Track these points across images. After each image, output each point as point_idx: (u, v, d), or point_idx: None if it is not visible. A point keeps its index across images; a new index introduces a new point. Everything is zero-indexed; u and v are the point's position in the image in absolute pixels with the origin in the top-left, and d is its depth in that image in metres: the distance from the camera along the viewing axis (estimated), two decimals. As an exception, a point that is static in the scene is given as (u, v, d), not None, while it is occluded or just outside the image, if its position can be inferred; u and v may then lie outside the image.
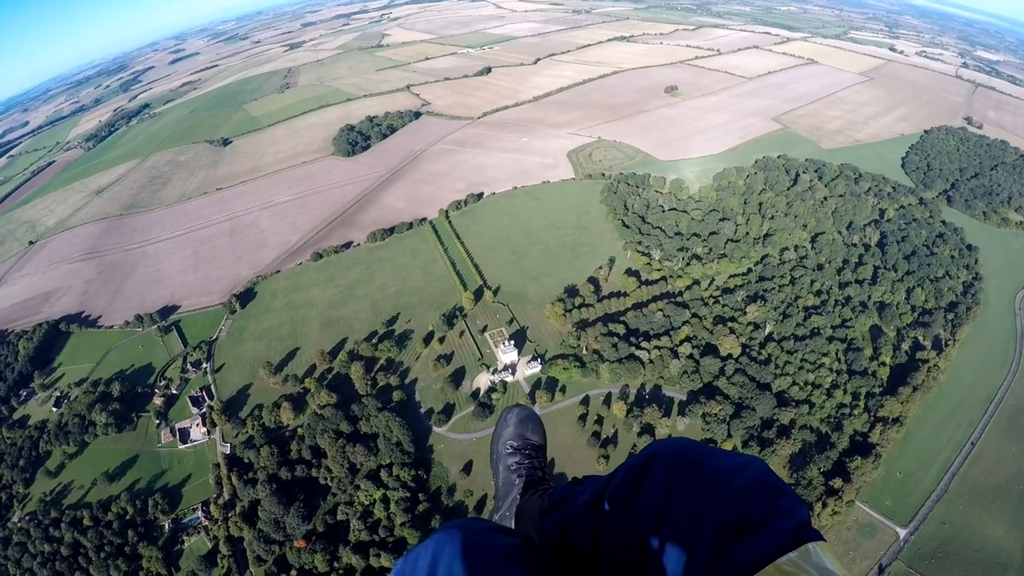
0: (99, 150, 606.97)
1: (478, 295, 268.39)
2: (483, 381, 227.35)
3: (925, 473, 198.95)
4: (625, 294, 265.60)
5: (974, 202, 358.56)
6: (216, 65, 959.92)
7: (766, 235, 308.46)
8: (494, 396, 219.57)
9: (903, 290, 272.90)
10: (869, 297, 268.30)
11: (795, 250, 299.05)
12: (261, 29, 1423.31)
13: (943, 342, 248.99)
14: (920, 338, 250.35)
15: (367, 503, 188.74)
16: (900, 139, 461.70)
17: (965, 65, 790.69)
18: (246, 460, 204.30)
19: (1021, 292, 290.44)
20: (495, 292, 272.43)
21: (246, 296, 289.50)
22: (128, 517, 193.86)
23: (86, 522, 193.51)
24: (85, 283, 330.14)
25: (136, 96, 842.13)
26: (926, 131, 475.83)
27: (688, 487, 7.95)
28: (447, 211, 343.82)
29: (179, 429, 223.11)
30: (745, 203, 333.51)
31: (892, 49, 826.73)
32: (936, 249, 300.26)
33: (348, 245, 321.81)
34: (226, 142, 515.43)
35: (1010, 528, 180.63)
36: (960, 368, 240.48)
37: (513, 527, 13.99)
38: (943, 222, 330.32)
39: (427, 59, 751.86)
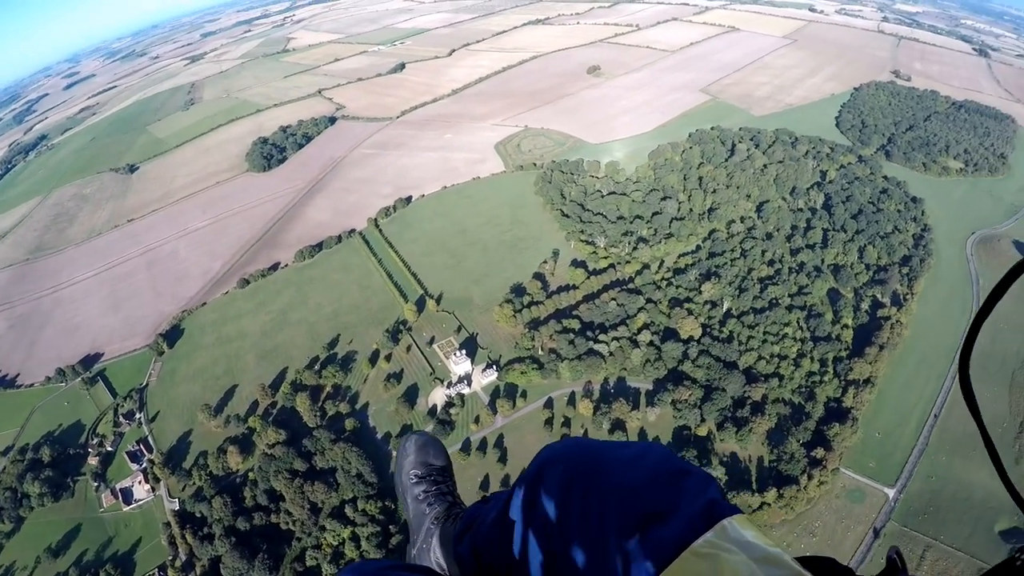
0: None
1: (420, 305, 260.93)
2: (439, 396, 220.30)
3: (903, 430, 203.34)
4: (575, 287, 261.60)
5: (912, 154, 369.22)
6: (114, 86, 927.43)
7: (710, 209, 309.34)
8: (452, 411, 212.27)
9: (855, 250, 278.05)
10: (823, 261, 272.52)
11: (742, 222, 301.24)
12: (159, 44, 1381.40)
13: (901, 297, 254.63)
14: (878, 296, 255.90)
15: (336, 544, 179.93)
16: (831, 99, 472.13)
17: (886, 19, 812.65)
18: (198, 514, 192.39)
19: (971, 238, 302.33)
20: (438, 300, 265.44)
21: (173, 334, 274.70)
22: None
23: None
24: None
25: (31, 127, 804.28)
26: (856, 88, 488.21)
27: (585, 489, 7.87)
28: (376, 219, 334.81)
29: (120, 489, 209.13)
30: (685, 179, 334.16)
31: (811, 9, 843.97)
32: (882, 205, 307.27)
33: (275, 267, 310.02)
34: (132, 169, 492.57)
35: (994, 473, 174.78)
36: (922, 320, 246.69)
37: (432, 558, 13.56)
38: (885, 177, 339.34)
39: (337, 60, 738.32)
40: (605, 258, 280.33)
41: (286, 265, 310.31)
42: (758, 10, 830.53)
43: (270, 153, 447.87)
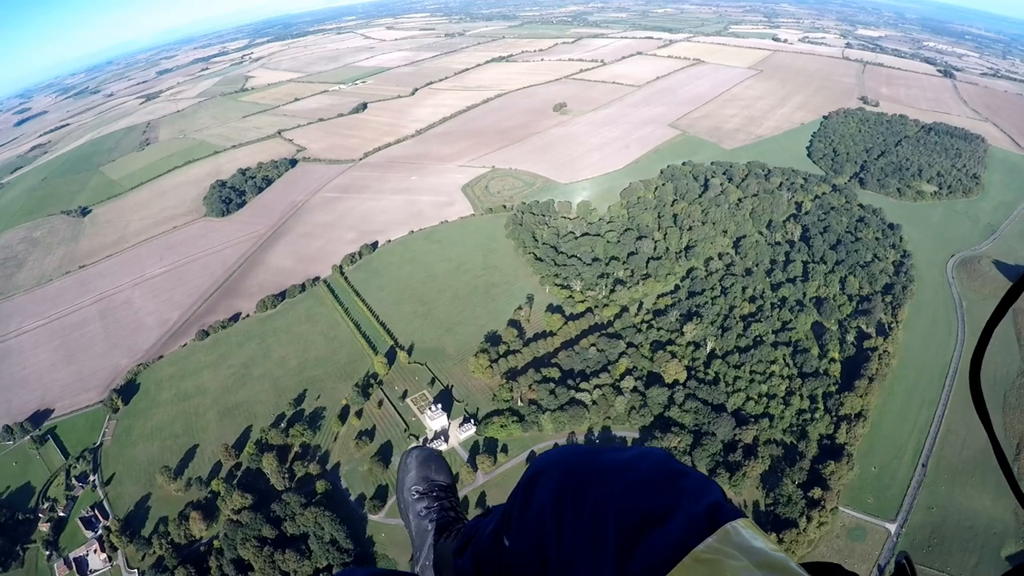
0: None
1: (391, 357, 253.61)
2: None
3: (899, 462, 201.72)
4: (552, 333, 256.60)
5: (886, 180, 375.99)
6: (67, 124, 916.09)
7: (687, 247, 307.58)
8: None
9: (836, 281, 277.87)
10: (804, 294, 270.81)
11: (720, 258, 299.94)
12: (113, 80, 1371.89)
13: (887, 326, 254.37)
14: (863, 326, 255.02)
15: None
16: (801, 128, 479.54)
17: (849, 45, 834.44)
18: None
19: (950, 261, 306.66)
20: (409, 351, 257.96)
21: (128, 390, 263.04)
22: None
23: None
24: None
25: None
26: (825, 117, 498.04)
27: (580, 493, 7.84)
28: (341, 266, 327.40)
29: (75, 559, 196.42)
30: (659, 217, 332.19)
31: (775, 39, 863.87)
32: (860, 234, 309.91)
33: (236, 317, 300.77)
34: (85, 211, 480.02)
35: (996, 497, 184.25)
36: (909, 349, 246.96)
37: (434, 574, 13.78)
38: (860, 205, 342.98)
39: (296, 100, 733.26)
40: (582, 302, 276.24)
41: (248, 315, 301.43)
42: (723, 42, 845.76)
43: (229, 197, 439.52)
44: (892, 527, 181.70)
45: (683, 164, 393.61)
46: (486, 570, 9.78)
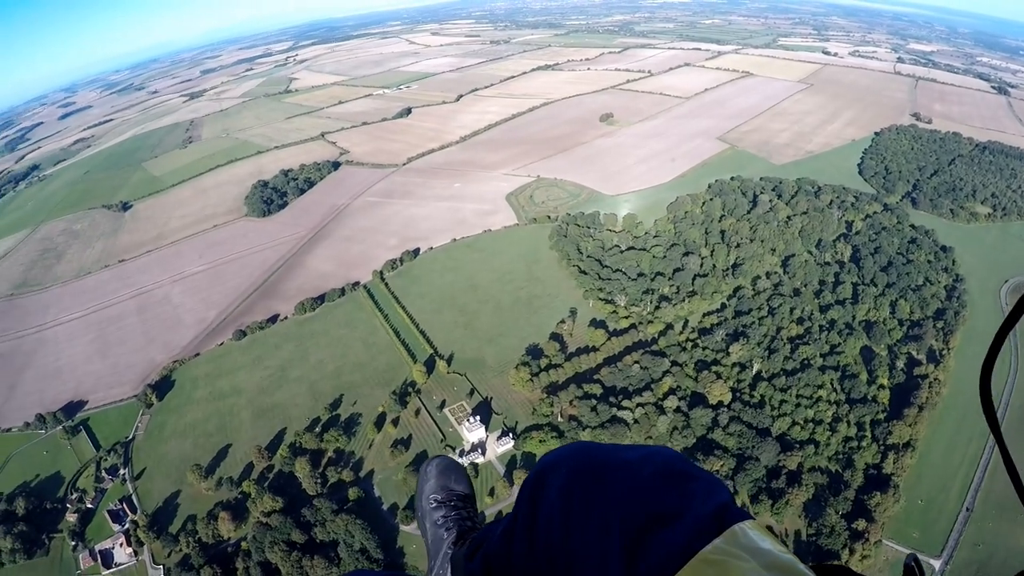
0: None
1: (430, 366, 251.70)
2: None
3: (946, 496, 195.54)
4: (595, 349, 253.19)
5: (939, 201, 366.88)
6: (111, 119, 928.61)
7: (735, 265, 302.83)
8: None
9: (887, 304, 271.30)
10: (854, 317, 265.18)
11: (768, 277, 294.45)
12: (158, 78, 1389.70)
13: (937, 353, 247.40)
14: (914, 353, 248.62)
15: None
16: (852, 145, 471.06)
17: (901, 60, 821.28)
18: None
19: (1004, 286, 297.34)
20: (449, 361, 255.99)
21: (163, 385, 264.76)
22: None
23: None
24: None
25: (23, 156, 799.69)
26: (876, 133, 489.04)
27: (588, 491, 7.86)
28: (382, 272, 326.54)
29: (100, 551, 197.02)
30: (707, 233, 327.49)
31: (825, 52, 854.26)
32: (911, 256, 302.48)
33: (274, 319, 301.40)
34: (126, 206, 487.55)
35: None
36: (960, 377, 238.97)
37: None
38: (912, 226, 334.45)
39: (340, 103, 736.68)
40: (626, 318, 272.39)
41: (286, 317, 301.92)
42: (771, 54, 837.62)
43: (270, 197, 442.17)
44: (937, 563, 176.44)
45: (731, 179, 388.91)
46: (496, 574, 9.64)
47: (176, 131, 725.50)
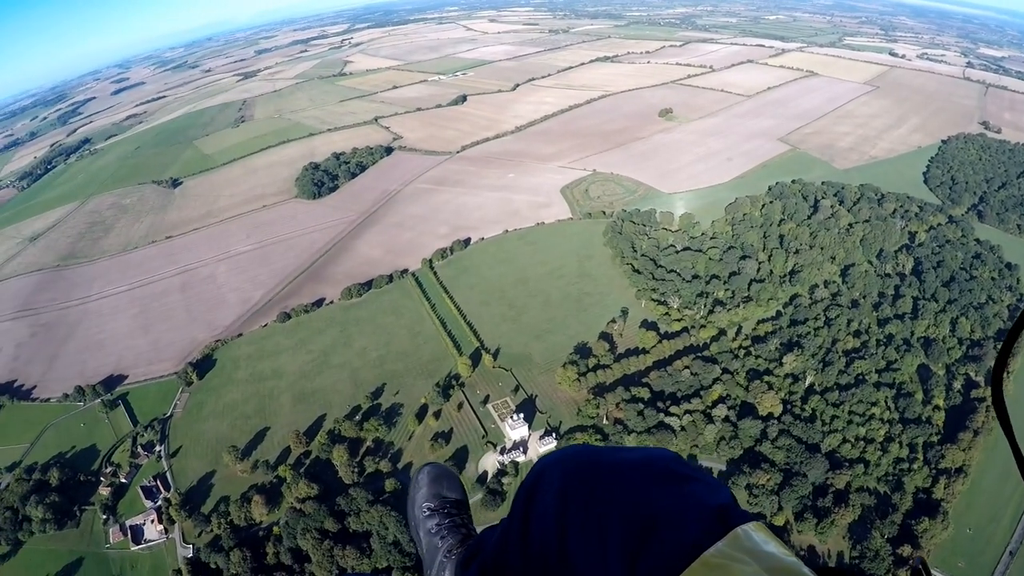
0: (34, 190, 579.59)
1: (475, 359, 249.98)
2: (490, 463, 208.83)
3: (996, 526, 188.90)
4: (645, 351, 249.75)
5: (1006, 215, 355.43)
6: (163, 96, 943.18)
7: (792, 272, 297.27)
8: (505, 481, 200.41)
9: (947, 321, 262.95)
10: (912, 333, 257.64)
11: (826, 287, 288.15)
12: (212, 57, 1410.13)
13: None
14: (972, 374, 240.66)
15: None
16: (917, 152, 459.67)
17: (970, 64, 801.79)
18: (213, 565, 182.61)
19: None
20: (495, 355, 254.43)
21: (204, 364, 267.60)
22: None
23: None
24: (16, 347, 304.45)
25: (75, 130, 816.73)
26: (943, 141, 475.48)
27: (585, 493, 7.80)
28: (431, 260, 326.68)
29: (131, 526, 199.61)
30: (765, 237, 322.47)
31: (892, 54, 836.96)
32: (975, 272, 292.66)
33: (320, 303, 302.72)
34: (176, 183, 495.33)
35: None
36: (1019, 402, 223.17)
37: None
38: (977, 240, 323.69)
39: (395, 88, 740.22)
40: (678, 321, 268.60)
41: (331, 302, 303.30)
42: (837, 54, 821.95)
43: (321, 180, 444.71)
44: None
45: (792, 182, 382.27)
46: None
47: (228, 110, 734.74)
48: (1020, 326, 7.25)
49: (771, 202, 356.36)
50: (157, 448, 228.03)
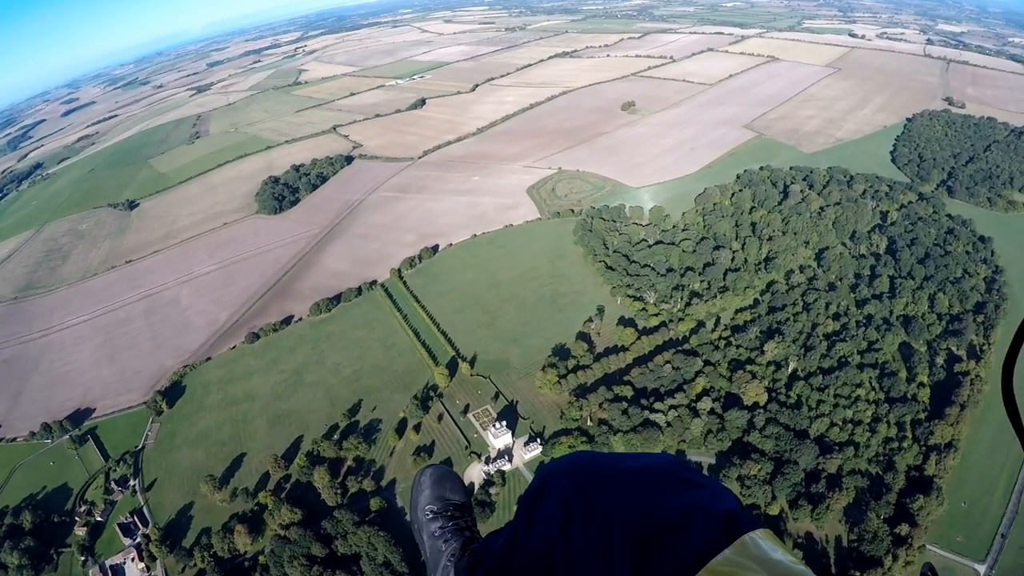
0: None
1: (452, 369, 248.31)
2: (476, 474, 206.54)
3: (990, 498, 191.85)
4: (624, 348, 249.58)
5: (976, 189, 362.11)
6: (115, 115, 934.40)
7: (767, 259, 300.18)
8: (492, 491, 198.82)
9: (925, 298, 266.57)
10: (891, 312, 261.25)
11: (801, 271, 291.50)
12: (163, 72, 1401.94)
13: (978, 349, 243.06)
14: (954, 348, 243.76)
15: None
16: (883, 131, 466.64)
17: (930, 42, 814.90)
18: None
19: None
20: (472, 363, 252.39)
21: (173, 392, 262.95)
22: None
23: None
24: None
25: (26, 155, 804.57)
26: (908, 119, 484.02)
27: (589, 501, 7.86)
28: (400, 270, 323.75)
29: (111, 566, 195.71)
30: (737, 226, 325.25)
31: (852, 35, 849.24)
32: (949, 247, 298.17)
33: (288, 320, 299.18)
34: (132, 205, 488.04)
35: None
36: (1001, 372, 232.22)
37: None
38: (949, 216, 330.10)
39: (352, 94, 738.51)
40: (656, 315, 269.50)
41: (300, 319, 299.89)
42: (796, 38, 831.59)
43: (281, 194, 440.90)
44: (982, 568, 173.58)
45: (760, 169, 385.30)
46: None
47: (183, 126, 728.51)
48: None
49: (740, 190, 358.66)
50: (131, 482, 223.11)
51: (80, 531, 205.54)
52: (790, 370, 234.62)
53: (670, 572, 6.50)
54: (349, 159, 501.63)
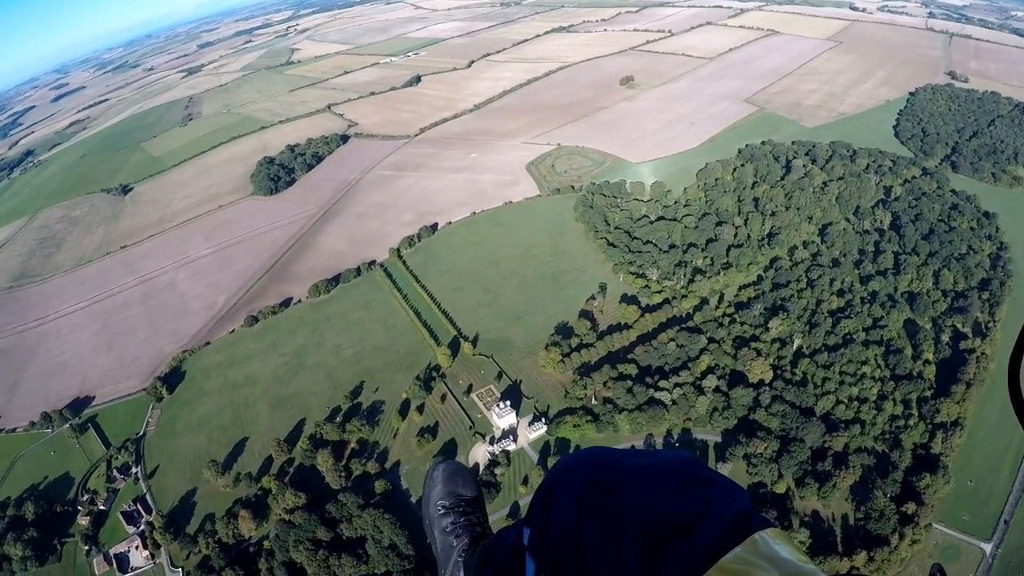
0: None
1: (454, 349, 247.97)
2: (480, 454, 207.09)
3: (997, 476, 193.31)
4: (627, 326, 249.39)
5: (980, 164, 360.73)
6: (106, 99, 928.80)
7: (770, 235, 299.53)
8: (498, 472, 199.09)
9: (929, 274, 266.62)
10: (896, 288, 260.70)
11: (805, 247, 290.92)
12: (153, 54, 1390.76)
13: (984, 326, 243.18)
14: (959, 326, 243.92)
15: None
16: (886, 106, 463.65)
17: (932, 15, 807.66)
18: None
19: None
20: (474, 342, 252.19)
21: (173, 377, 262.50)
22: None
23: None
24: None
25: (17, 142, 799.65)
26: (911, 93, 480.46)
27: (603, 497, 7.90)
28: (399, 249, 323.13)
29: (115, 555, 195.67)
30: (739, 201, 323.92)
31: (853, 7, 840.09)
32: (954, 223, 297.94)
33: (287, 303, 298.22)
34: (126, 189, 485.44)
35: None
36: (1007, 351, 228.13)
37: None
38: (953, 191, 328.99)
39: (346, 73, 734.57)
40: (659, 292, 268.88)
41: (299, 301, 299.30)
42: (797, 11, 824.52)
43: (277, 174, 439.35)
44: (987, 547, 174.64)
45: (762, 143, 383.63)
46: None
47: (175, 109, 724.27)
48: None
49: (742, 165, 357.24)
50: (133, 470, 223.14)
51: (83, 520, 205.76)
52: (795, 347, 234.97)
53: (681, 569, 6.60)
54: (345, 138, 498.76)
